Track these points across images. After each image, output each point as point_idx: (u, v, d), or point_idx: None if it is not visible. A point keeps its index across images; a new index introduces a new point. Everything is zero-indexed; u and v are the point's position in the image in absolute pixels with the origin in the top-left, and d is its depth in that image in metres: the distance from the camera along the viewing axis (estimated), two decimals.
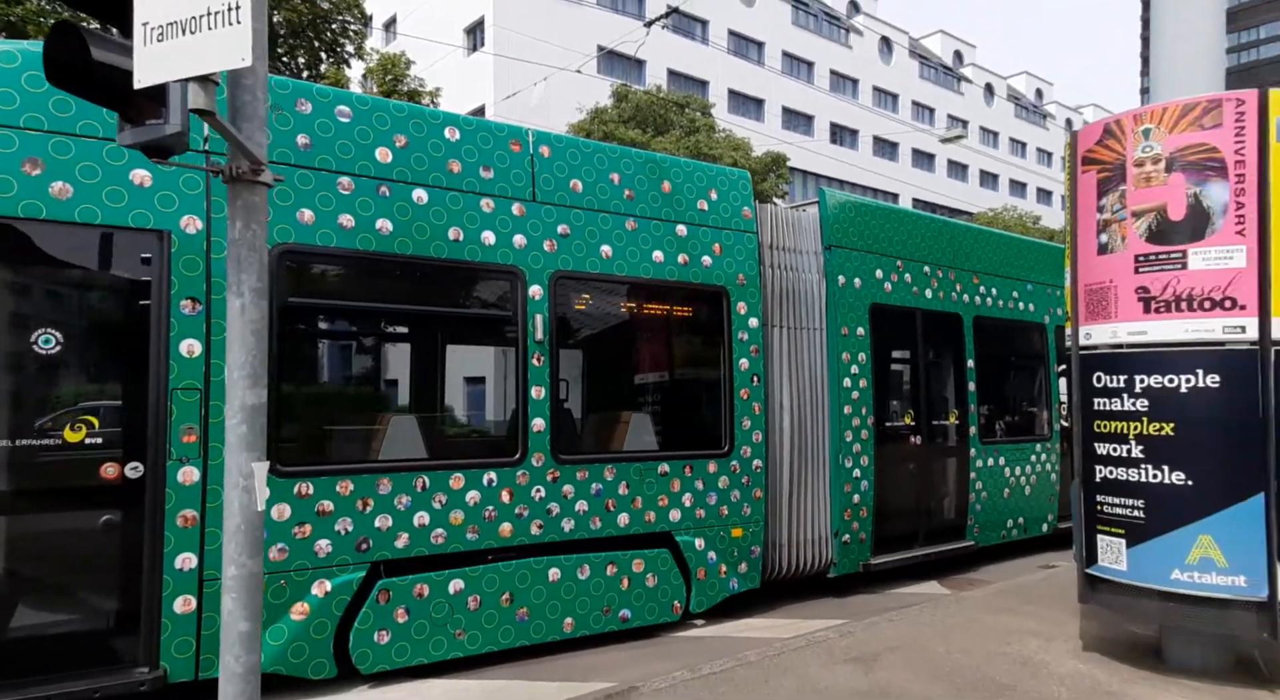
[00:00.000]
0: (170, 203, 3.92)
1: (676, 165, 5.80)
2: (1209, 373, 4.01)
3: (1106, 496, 4.36)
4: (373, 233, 4.45)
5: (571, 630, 5.02)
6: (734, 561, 5.77)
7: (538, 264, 4.98)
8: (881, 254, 6.87)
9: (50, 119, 3.67)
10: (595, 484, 5.11)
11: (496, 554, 4.77)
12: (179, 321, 3.89)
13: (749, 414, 5.84)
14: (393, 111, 4.65)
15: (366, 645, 4.32)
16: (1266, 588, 3.86)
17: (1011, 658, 4.57)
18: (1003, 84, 52.78)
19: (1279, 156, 3.90)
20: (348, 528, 4.28)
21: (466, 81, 27.51)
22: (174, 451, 3.85)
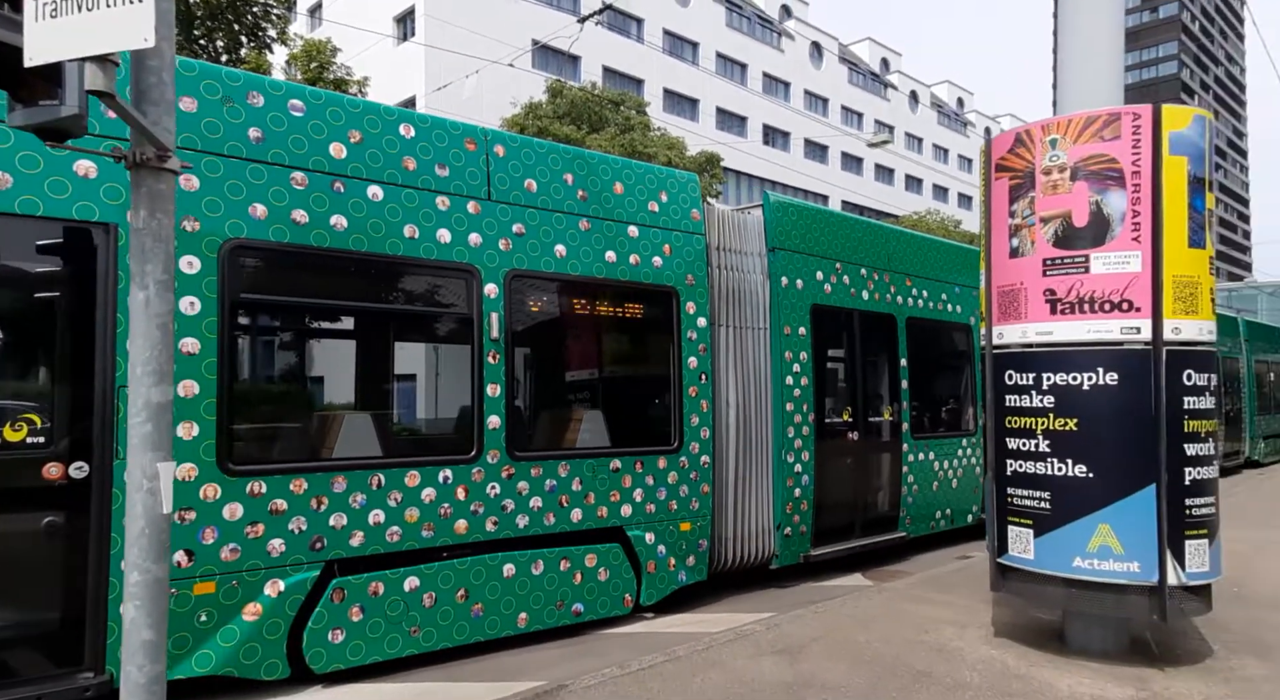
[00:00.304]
0: (117, 195, 3.78)
1: (628, 167, 5.87)
2: (1108, 371, 4.25)
3: (1016, 489, 4.57)
4: (327, 229, 4.39)
5: (526, 625, 5.06)
6: (683, 555, 5.90)
7: (493, 263, 5.00)
8: (821, 256, 7.10)
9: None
10: (549, 480, 5.16)
11: (452, 551, 4.78)
12: (123, 315, 3.72)
13: (697, 411, 5.97)
14: (347, 107, 4.59)
15: (321, 645, 4.28)
16: (1157, 573, 4.11)
17: (928, 645, 4.75)
18: (926, 92, 54.70)
19: (1171, 168, 4.16)
20: (301, 526, 4.22)
21: (396, 71, 26.83)
22: (121, 451, 3.69)
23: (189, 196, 3.97)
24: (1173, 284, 4.16)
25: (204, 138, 4.06)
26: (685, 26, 38.17)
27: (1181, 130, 4.18)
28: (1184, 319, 4.19)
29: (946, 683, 4.14)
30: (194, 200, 4.00)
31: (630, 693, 4.01)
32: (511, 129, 22.31)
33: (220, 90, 4.14)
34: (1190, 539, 4.16)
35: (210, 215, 4.04)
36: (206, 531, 3.96)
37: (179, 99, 3.97)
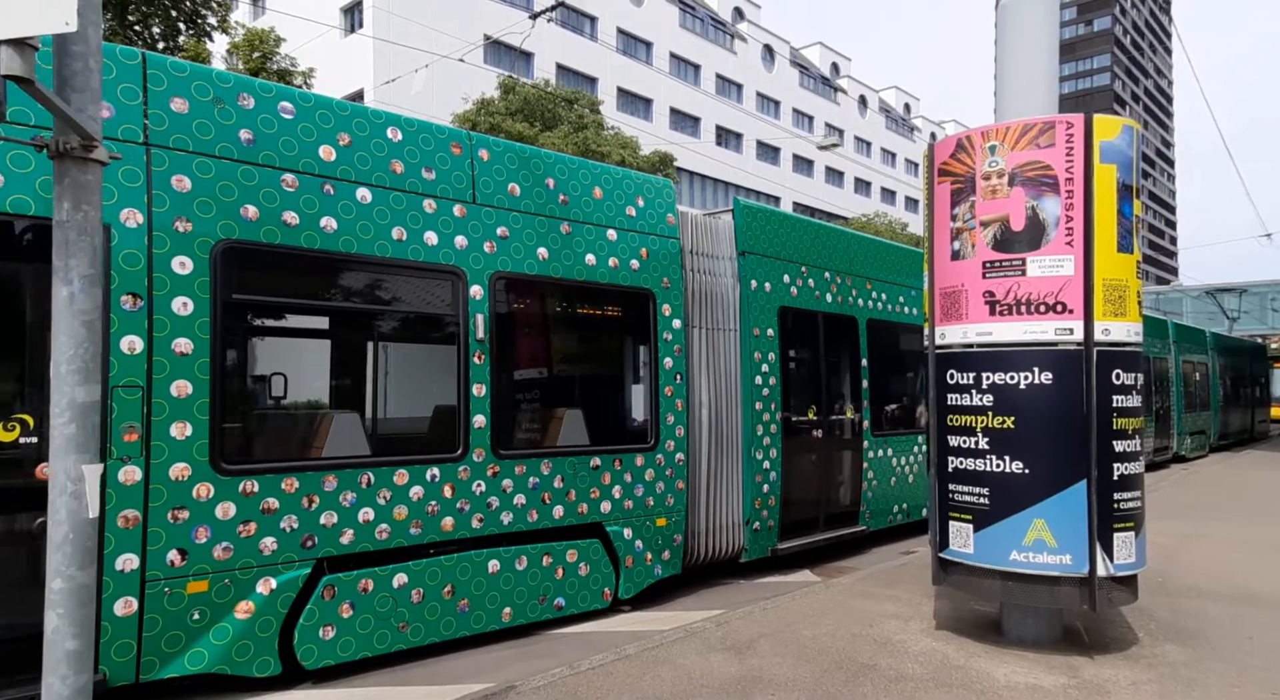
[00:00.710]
0: (110, 195, 3.72)
1: (607, 172, 5.99)
2: (1043, 370, 4.40)
3: (957, 485, 4.70)
4: (317, 230, 4.43)
5: (510, 619, 5.16)
6: (659, 549, 6.06)
7: (478, 265, 5.08)
8: (788, 260, 7.32)
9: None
10: (532, 478, 5.27)
11: (438, 548, 4.85)
12: (120, 317, 3.78)
13: (673, 410, 6.13)
14: (336, 109, 4.62)
15: (311, 641, 4.33)
16: (1088, 564, 4.28)
17: (873, 639, 4.85)
18: (875, 97, 55.87)
19: (1102, 175, 4.33)
20: (293, 525, 4.26)
21: (343, 64, 26.23)
22: (115, 450, 3.74)
23: (182, 197, 4.00)
24: (1103, 287, 4.33)
25: (195, 139, 4.08)
26: (639, 26, 38.23)
27: (1111, 139, 4.35)
28: (1113, 320, 4.36)
29: (890, 675, 4.23)
30: (186, 201, 4.02)
31: (580, 692, 4.00)
32: (463, 125, 22.02)
33: (211, 91, 4.16)
34: (1118, 532, 4.34)
35: (202, 216, 4.07)
36: (199, 530, 3.98)
37: (170, 99, 4.00)
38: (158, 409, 3.87)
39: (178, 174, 4.00)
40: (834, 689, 4.04)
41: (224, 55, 18.42)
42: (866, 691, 4.00)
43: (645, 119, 37.56)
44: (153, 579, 3.84)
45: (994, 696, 3.92)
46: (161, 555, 3.86)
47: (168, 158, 3.97)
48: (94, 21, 2.32)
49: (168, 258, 3.93)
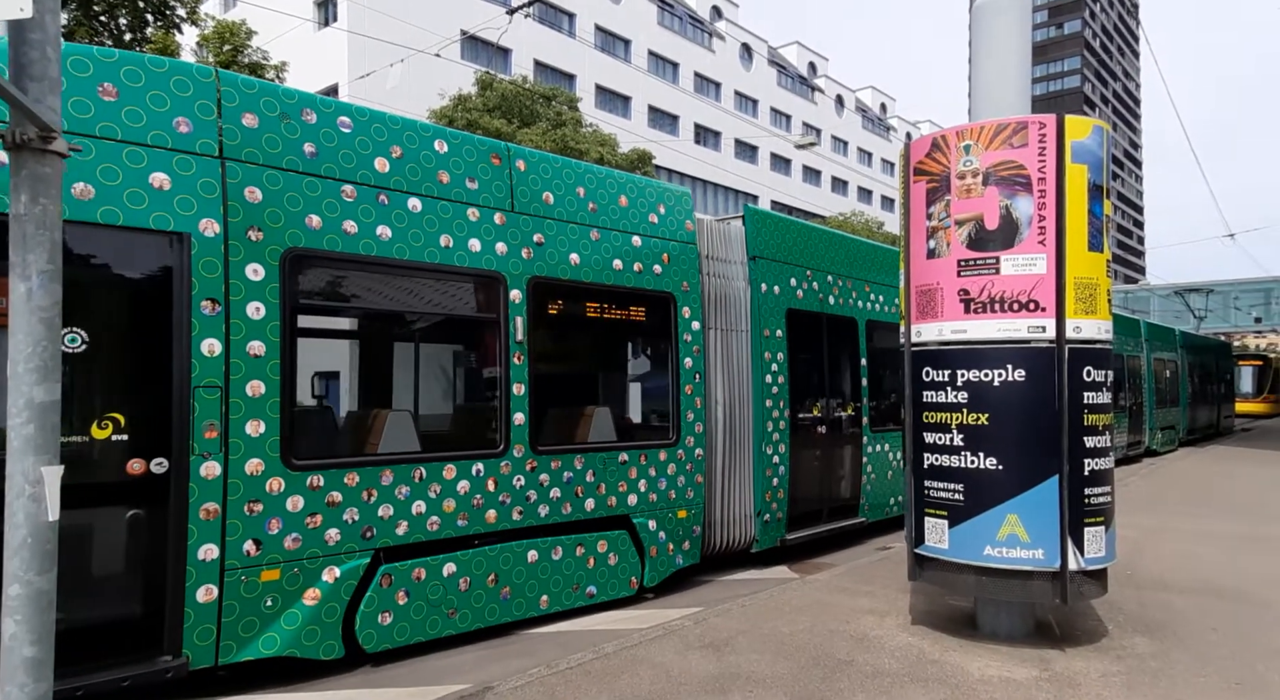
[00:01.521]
0: (189, 206, 4.02)
1: (631, 181, 6.30)
2: (1016, 368, 4.45)
3: (933, 482, 4.74)
4: (373, 238, 4.69)
5: (547, 606, 5.46)
6: (679, 540, 6.37)
7: (517, 270, 5.35)
8: (795, 264, 7.70)
9: (70, 120, 3.67)
10: (567, 472, 5.56)
11: (482, 538, 5.12)
12: (200, 321, 4.01)
13: (692, 408, 6.44)
14: (389, 123, 4.89)
15: (372, 626, 4.60)
16: (1059, 559, 4.33)
17: (849, 635, 4.88)
18: (852, 96, 56.26)
19: (1074, 175, 4.38)
20: (354, 517, 4.52)
21: (317, 58, 25.87)
22: (196, 447, 3.98)
23: (253, 208, 4.25)
24: (1074, 285, 4.39)
25: (264, 152, 4.33)
26: (617, 23, 38.14)
27: (1082, 140, 4.41)
28: (1084, 318, 4.42)
29: (866, 670, 4.25)
30: (258, 211, 4.26)
31: (558, 692, 3.97)
32: (439, 121, 21.82)
33: (278, 107, 4.42)
34: (1089, 526, 4.40)
35: (272, 226, 4.30)
36: (272, 522, 4.23)
37: (242, 115, 4.26)
38: (234, 408, 4.11)
39: (250, 185, 4.24)
40: (812, 685, 4.05)
41: (193, 48, 18.07)
42: (844, 687, 4.02)
43: (624, 116, 37.50)
44: (231, 568, 4.08)
45: (968, 690, 3.96)
46: (239, 545, 4.11)
47: (240, 170, 4.22)
48: (51, 9, 2.24)
49: (242, 265, 4.18)
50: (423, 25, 26.12)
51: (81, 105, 3.76)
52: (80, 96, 3.76)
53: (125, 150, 3.86)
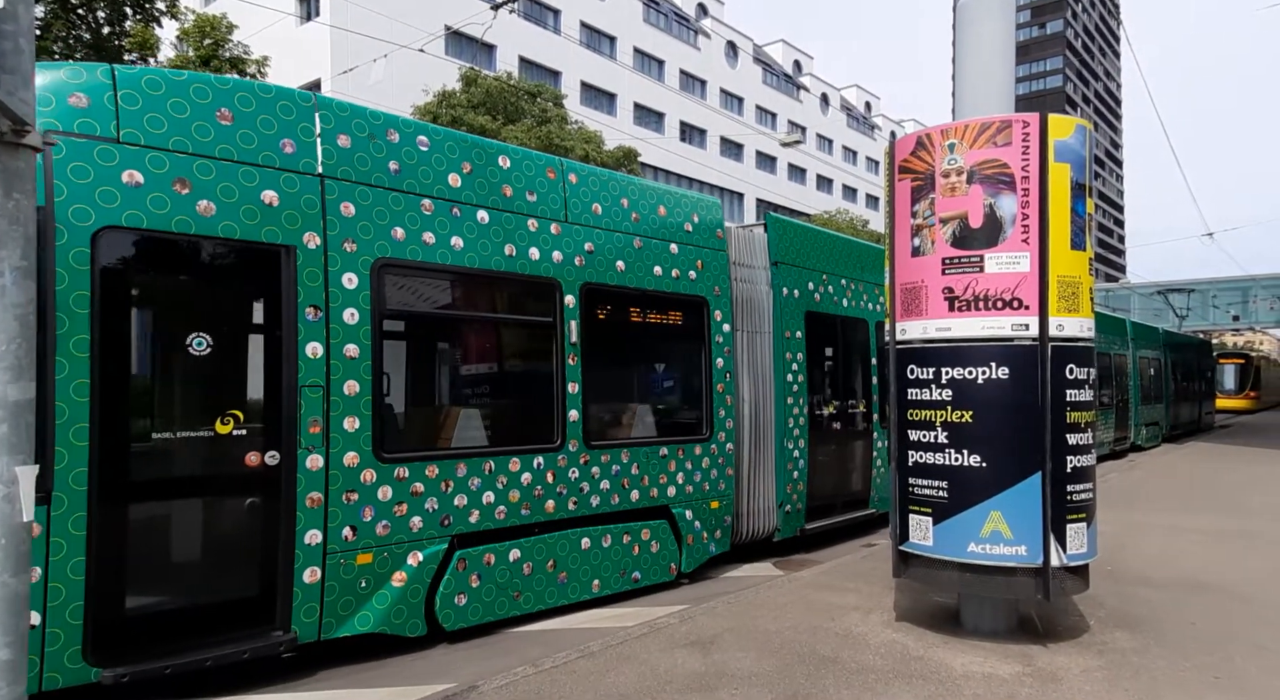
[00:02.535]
0: (295, 220, 4.39)
1: (668, 192, 6.76)
2: (1000, 365, 4.47)
3: (917, 479, 4.76)
4: (448, 248, 5.08)
5: (599, 590, 5.88)
6: (712, 529, 6.80)
7: (571, 276, 5.76)
8: (812, 269, 8.16)
9: (194, 142, 4.08)
10: (615, 466, 5.98)
11: (542, 527, 5.53)
12: (304, 326, 4.37)
13: (724, 405, 6.87)
14: (460, 141, 5.30)
15: (449, 607, 5.00)
16: (1042, 555, 4.37)
17: (834, 632, 4.89)
18: (837, 95, 56.46)
19: (1057, 174, 4.41)
20: (434, 506, 4.90)
21: (300, 52, 25.62)
22: (303, 441, 4.33)
23: (348, 221, 4.61)
24: (1057, 283, 4.42)
25: (356, 170, 4.68)
26: (603, 20, 38.05)
27: (1065, 139, 4.44)
28: (1067, 316, 4.45)
29: (851, 667, 4.27)
30: (352, 225, 4.63)
31: (543, 691, 3.96)
32: (423, 117, 21.66)
33: (367, 128, 4.78)
34: (1071, 523, 4.44)
35: (364, 238, 4.67)
36: (366, 510, 4.59)
37: (337, 136, 4.62)
38: (334, 405, 4.47)
39: (345, 201, 4.61)
40: (796, 682, 4.06)
41: (173, 42, 17.83)
42: (828, 684, 4.03)
43: (609, 114, 37.42)
44: (332, 552, 4.45)
45: (952, 686, 3.98)
46: (338, 531, 4.48)
47: (336, 187, 4.59)
48: (24, 0, 2.20)
49: (339, 274, 4.54)
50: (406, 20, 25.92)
51: (203, 129, 4.13)
52: (202, 121, 4.13)
53: (240, 170, 4.24)
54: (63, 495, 3.63)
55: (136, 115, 3.95)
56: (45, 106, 3.76)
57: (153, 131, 3.98)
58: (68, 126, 3.79)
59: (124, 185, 3.87)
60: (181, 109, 4.08)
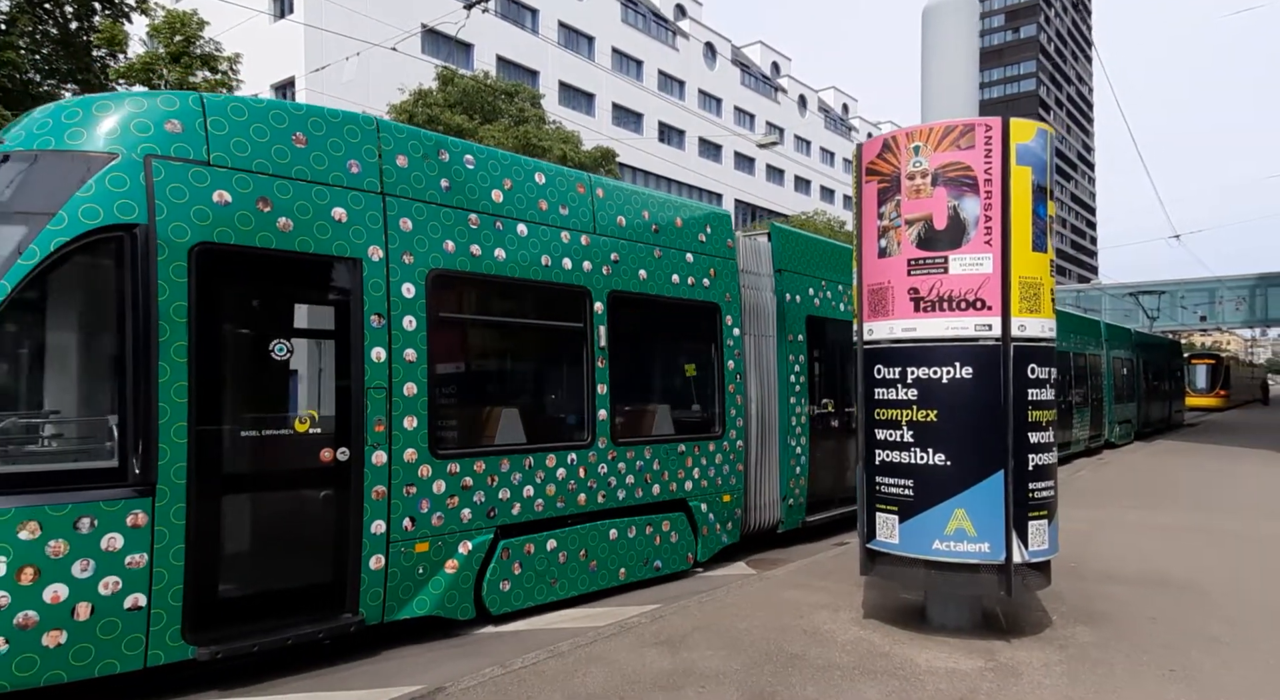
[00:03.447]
0: (361, 235, 4.74)
1: (684, 205, 7.18)
2: (964, 365, 4.53)
3: (884, 478, 4.81)
4: (492, 259, 5.44)
5: (624, 578, 6.27)
6: (724, 521, 7.21)
7: (599, 284, 6.13)
8: (812, 276, 8.57)
9: (273, 164, 4.43)
10: (639, 461, 6.37)
11: (575, 519, 5.90)
12: (369, 333, 4.73)
13: (734, 405, 7.26)
14: (501, 159, 5.68)
15: (495, 593, 5.38)
16: (1004, 552, 4.44)
17: (802, 630, 4.94)
18: (814, 96, 56.83)
19: (1018, 177, 4.48)
20: (481, 499, 5.28)
21: (273, 50, 25.31)
22: (369, 438, 4.68)
23: (406, 235, 4.96)
24: (1019, 284, 4.49)
25: (413, 188, 5.05)
26: (581, 19, 38.00)
27: (1027, 142, 4.51)
28: (1029, 317, 4.53)
29: (818, 664, 4.31)
30: (410, 238, 4.98)
31: (510, 691, 3.95)
32: (399, 116, 21.51)
33: (421, 149, 5.14)
34: (1033, 520, 4.52)
35: (419, 250, 5.02)
36: (423, 503, 4.95)
37: (396, 156, 4.97)
38: (395, 406, 4.81)
39: (403, 217, 4.97)
40: (763, 680, 4.09)
41: (143, 38, 17.55)
42: (794, 681, 4.06)
43: (588, 114, 37.39)
44: (394, 540, 4.80)
45: (915, 681, 4.03)
46: (399, 522, 4.83)
47: (396, 204, 4.95)
48: None
49: (399, 284, 4.89)
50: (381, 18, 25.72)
51: (281, 151, 4.47)
52: (280, 144, 4.47)
53: (314, 189, 4.59)
54: (165, 488, 3.95)
55: (224, 139, 4.28)
56: (144, 132, 4.07)
57: (238, 154, 4.32)
58: (165, 151, 4.09)
59: (215, 204, 4.20)
60: (262, 133, 4.43)
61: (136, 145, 4.03)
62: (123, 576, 3.83)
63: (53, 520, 3.66)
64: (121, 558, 3.83)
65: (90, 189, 3.90)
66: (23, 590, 3.57)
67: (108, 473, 3.88)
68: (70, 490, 3.76)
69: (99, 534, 3.77)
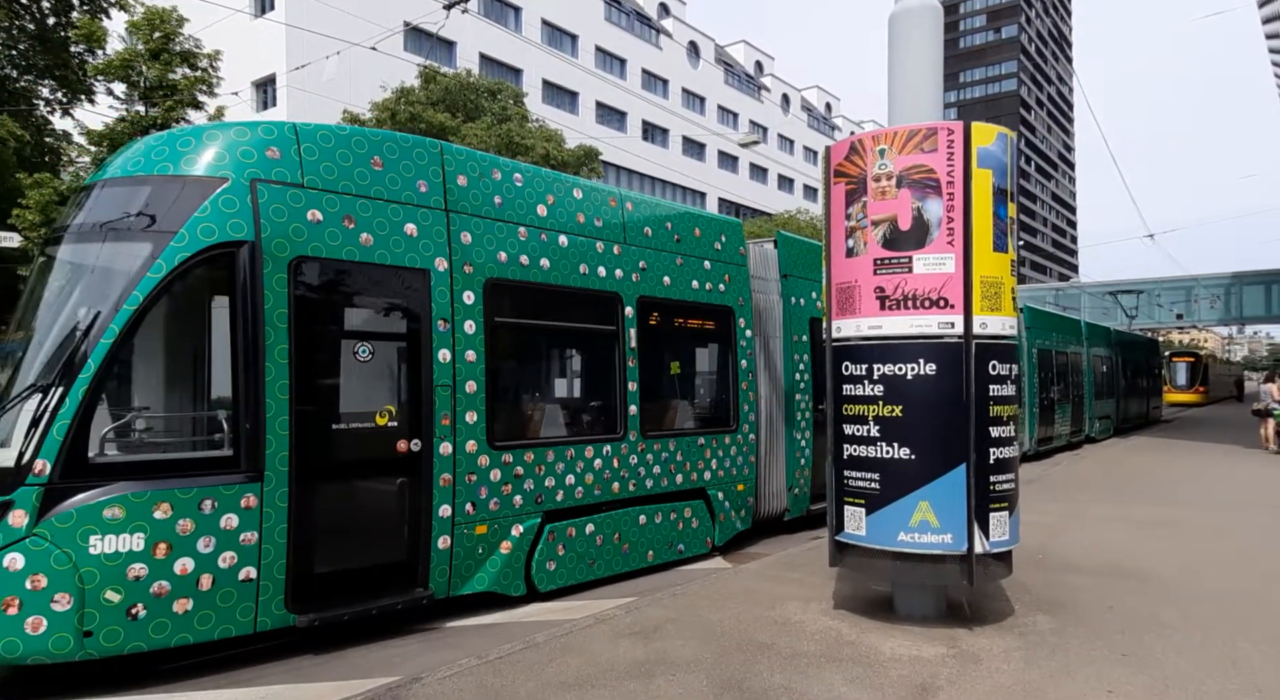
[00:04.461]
0: (429, 248, 5.28)
1: (701, 216, 7.75)
2: (928, 362, 4.67)
3: (852, 471, 4.95)
4: (539, 268, 5.99)
5: (652, 559, 6.85)
6: (739, 508, 7.77)
7: (629, 291, 6.67)
8: (815, 280, 9.04)
9: (356, 185, 4.97)
10: (664, 453, 6.92)
11: (609, 505, 6.46)
12: (436, 336, 5.27)
13: (747, 401, 7.81)
14: (545, 177, 6.22)
15: (543, 572, 5.93)
16: (966, 543, 4.58)
17: (773, 620, 5.06)
18: (798, 96, 57.09)
19: (979, 179, 4.62)
20: (530, 486, 5.82)
21: (255, 46, 25.14)
22: (437, 431, 5.21)
23: (466, 248, 5.51)
24: (980, 284, 4.63)
25: (471, 204, 5.60)
26: (564, 18, 37.98)
27: (988, 146, 4.66)
28: (990, 315, 4.67)
29: (786, 653, 4.44)
30: (470, 250, 5.53)
31: (486, 681, 4.04)
32: (382, 113, 21.45)
33: (478, 169, 5.69)
34: (994, 511, 4.67)
35: (477, 261, 5.58)
36: (482, 489, 5.50)
37: (457, 176, 5.52)
38: (459, 402, 5.35)
39: (464, 231, 5.51)
40: (732, 667, 4.21)
41: (121, 35, 17.41)
42: (762, 669, 4.19)
43: (572, 112, 37.40)
44: (458, 523, 5.35)
45: (878, 668, 4.17)
46: (462, 506, 5.38)
47: (458, 219, 5.49)
48: None
49: (460, 292, 5.43)
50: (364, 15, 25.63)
51: (363, 174, 5.01)
52: (361, 167, 5.01)
53: (390, 208, 5.11)
54: (271, 474, 4.50)
55: (315, 164, 4.82)
56: (249, 159, 4.60)
57: (327, 177, 4.85)
58: (267, 175, 4.62)
59: (309, 222, 4.73)
60: (346, 158, 4.96)
61: (243, 170, 4.57)
62: (237, 552, 4.39)
63: (181, 502, 4.23)
64: (236, 535, 4.38)
65: (206, 210, 4.44)
66: (158, 563, 4.15)
67: (224, 461, 4.45)
68: (194, 476, 4.33)
69: (219, 514, 4.33)
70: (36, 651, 3.90)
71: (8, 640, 3.85)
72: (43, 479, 3.95)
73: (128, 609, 4.05)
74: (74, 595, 3.93)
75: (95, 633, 3.98)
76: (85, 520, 3.99)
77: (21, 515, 3.91)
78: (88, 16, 17.29)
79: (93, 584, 3.97)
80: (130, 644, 4.08)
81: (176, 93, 16.86)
